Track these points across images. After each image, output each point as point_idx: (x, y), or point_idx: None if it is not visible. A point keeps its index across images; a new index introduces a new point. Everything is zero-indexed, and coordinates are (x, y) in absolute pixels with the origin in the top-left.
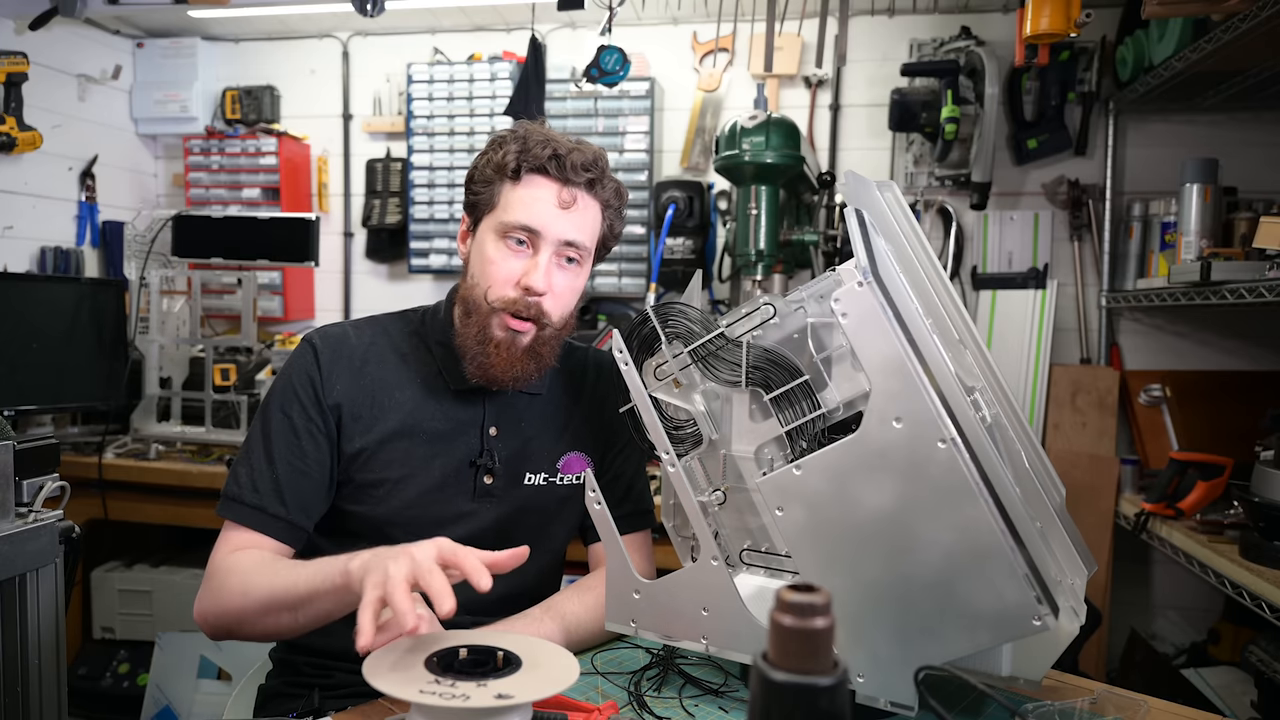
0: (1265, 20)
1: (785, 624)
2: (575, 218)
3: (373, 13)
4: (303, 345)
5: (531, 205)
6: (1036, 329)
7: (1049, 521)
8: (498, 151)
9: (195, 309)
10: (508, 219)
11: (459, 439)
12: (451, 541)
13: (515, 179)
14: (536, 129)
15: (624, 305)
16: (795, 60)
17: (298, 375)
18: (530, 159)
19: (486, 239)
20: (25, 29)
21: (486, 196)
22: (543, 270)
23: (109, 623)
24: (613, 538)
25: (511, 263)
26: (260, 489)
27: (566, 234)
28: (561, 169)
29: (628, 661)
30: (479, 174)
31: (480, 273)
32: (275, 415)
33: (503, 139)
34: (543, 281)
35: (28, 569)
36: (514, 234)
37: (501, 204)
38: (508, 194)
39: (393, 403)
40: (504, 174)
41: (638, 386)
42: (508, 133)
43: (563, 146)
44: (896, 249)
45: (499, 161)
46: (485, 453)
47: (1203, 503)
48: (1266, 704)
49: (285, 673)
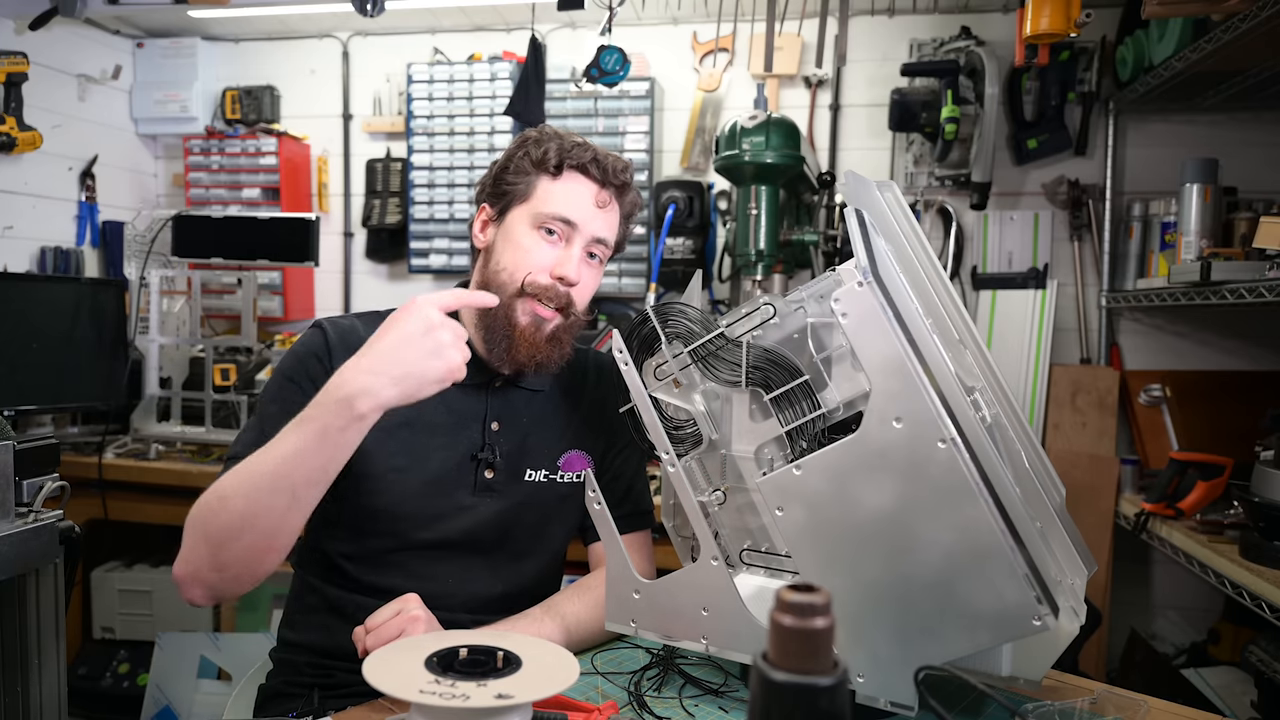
0: (1265, 20)
1: (785, 624)
2: (607, 217)
3: (373, 13)
4: (314, 329)
5: (571, 199)
6: (1036, 329)
7: (1049, 521)
8: (537, 148)
9: (195, 309)
10: (546, 209)
11: (461, 432)
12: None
13: (556, 174)
14: (569, 133)
15: (624, 305)
16: (795, 60)
17: (307, 353)
18: (572, 157)
19: (518, 227)
20: (25, 29)
21: (521, 188)
22: (575, 261)
23: (109, 623)
24: (613, 538)
25: (546, 251)
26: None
27: (599, 231)
28: (602, 171)
29: (628, 661)
30: (514, 165)
31: (511, 258)
32: (284, 384)
33: (538, 137)
34: (575, 272)
35: (28, 569)
36: (550, 224)
37: (539, 195)
38: (546, 186)
39: None
40: (544, 168)
41: (638, 386)
42: (540, 132)
43: (600, 150)
44: (896, 249)
45: (539, 156)
46: (487, 446)
47: (1203, 503)
48: (1266, 704)
49: (285, 672)
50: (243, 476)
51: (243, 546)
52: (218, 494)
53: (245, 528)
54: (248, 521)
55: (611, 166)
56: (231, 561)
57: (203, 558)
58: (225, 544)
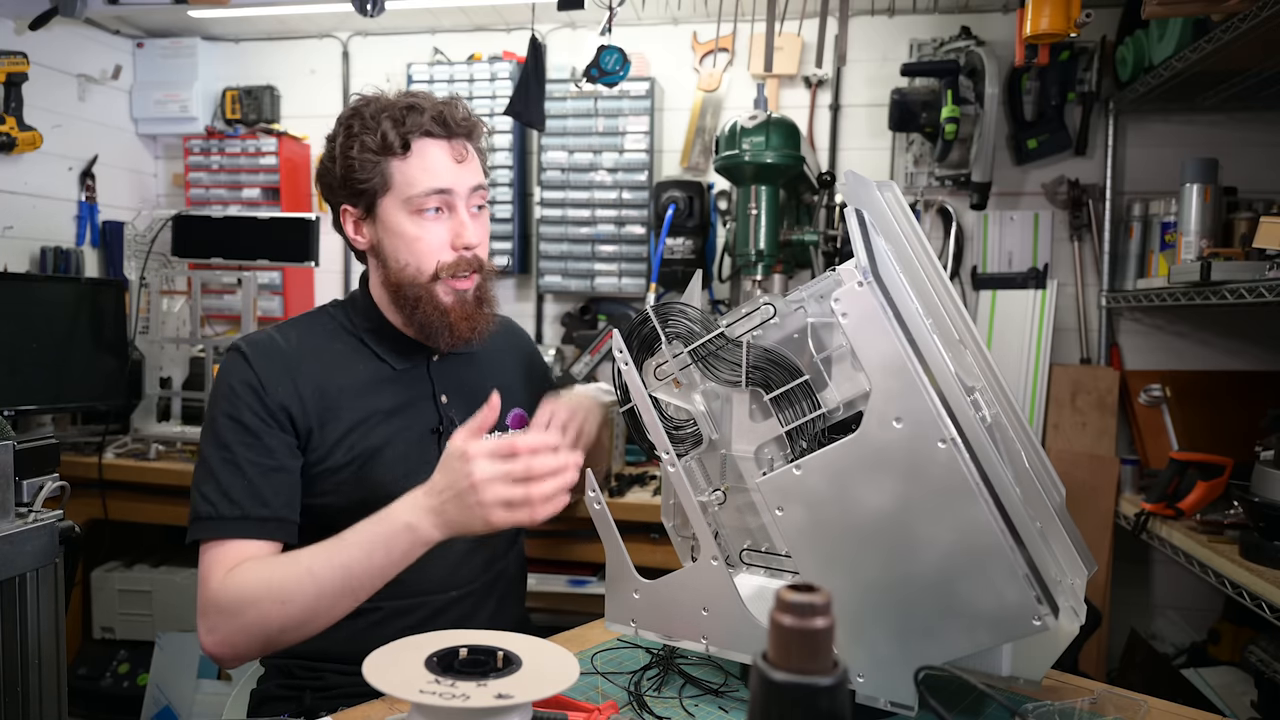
0: (1265, 20)
1: (785, 624)
2: (471, 165)
3: (373, 13)
4: (231, 355)
5: (434, 169)
6: (1036, 329)
7: (1049, 521)
8: (370, 134)
9: (195, 309)
10: (417, 190)
11: (413, 412)
12: (465, 439)
13: (404, 152)
14: (381, 98)
15: (624, 305)
16: (795, 60)
17: (237, 382)
18: (413, 126)
19: (395, 218)
20: (25, 29)
21: (377, 180)
22: (468, 225)
23: (109, 623)
24: (613, 537)
25: (436, 230)
26: (235, 498)
27: (472, 181)
28: (445, 126)
29: (628, 661)
30: (358, 162)
31: (406, 252)
32: (225, 424)
33: (362, 120)
34: (474, 236)
35: (28, 569)
36: (425, 204)
37: (399, 181)
38: (400, 169)
39: (339, 393)
40: (389, 152)
41: (638, 386)
42: (359, 112)
43: (434, 105)
44: (896, 249)
45: (378, 143)
46: (444, 420)
47: (1203, 503)
48: (1266, 704)
49: (276, 675)
50: (305, 581)
51: (298, 636)
52: (276, 597)
53: (305, 624)
54: (308, 621)
55: (451, 116)
56: (280, 645)
57: (252, 643)
58: (280, 638)
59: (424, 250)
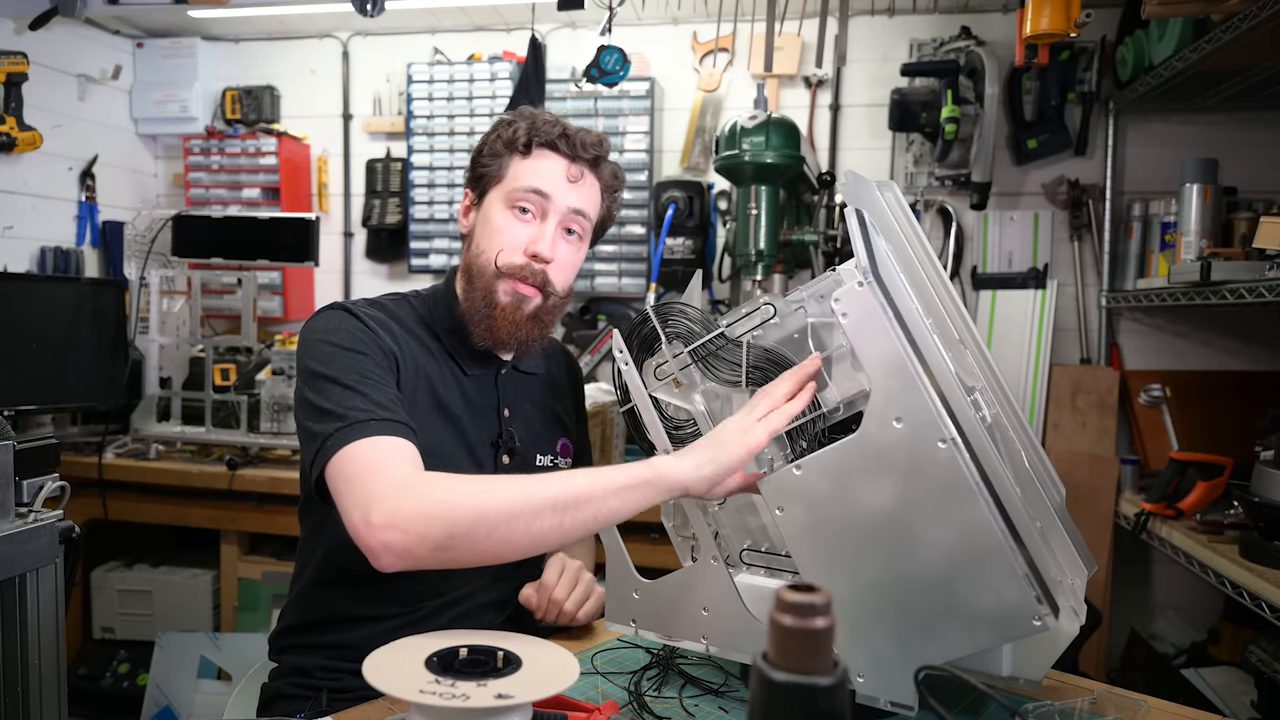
0: (1265, 20)
1: (785, 624)
2: (581, 190)
3: (373, 13)
4: (330, 311)
5: (542, 173)
6: (1036, 329)
7: (1049, 521)
8: (507, 129)
9: (195, 309)
10: (517, 185)
11: (477, 419)
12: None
13: (525, 153)
14: (542, 111)
15: (624, 305)
16: (795, 60)
17: (345, 325)
18: (540, 134)
19: (493, 209)
20: (25, 29)
21: (494, 169)
22: (549, 238)
23: (109, 623)
24: (613, 537)
25: (519, 230)
26: (380, 401)
27: (574, 202)
28: (570, 145)
29: (628, 661)
30: (487, 149)
31: (487, 241)
32: (341, 356)
33: (511, 118)
34: (549, 248)
35: (28, 569)
36: (523, 201)
37: (510, 175)
38: (517, 166)
39: (418, 375)
40: (514, 148)
41: (638, 386)
42: (514, 113)
43: (570, 126)
44: (896, 249)
45: (509, 137)
46: (504, 433)
47: (1203, 503)
48: (1266, 704)
49: (292, 674)
50: (514, 480)
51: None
52: (478, 485)
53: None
54: (504, 523)
55: (581, 140)
56: (457, 552)
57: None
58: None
59: (501, 243)
